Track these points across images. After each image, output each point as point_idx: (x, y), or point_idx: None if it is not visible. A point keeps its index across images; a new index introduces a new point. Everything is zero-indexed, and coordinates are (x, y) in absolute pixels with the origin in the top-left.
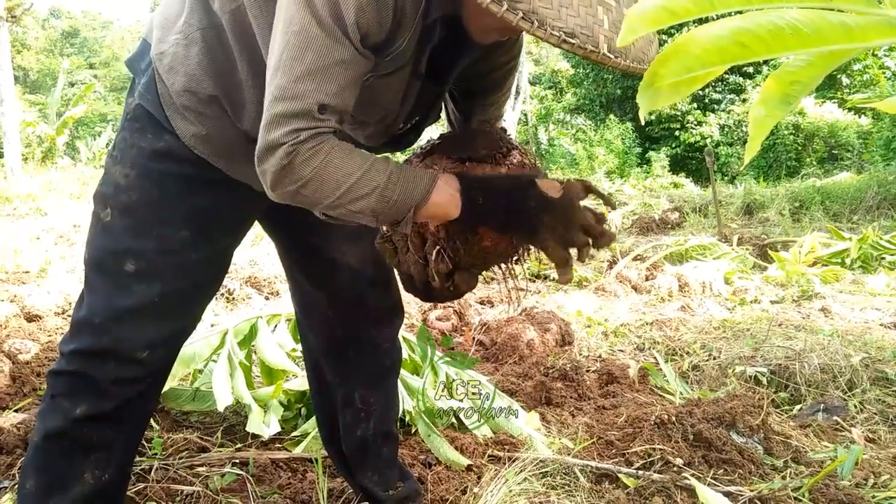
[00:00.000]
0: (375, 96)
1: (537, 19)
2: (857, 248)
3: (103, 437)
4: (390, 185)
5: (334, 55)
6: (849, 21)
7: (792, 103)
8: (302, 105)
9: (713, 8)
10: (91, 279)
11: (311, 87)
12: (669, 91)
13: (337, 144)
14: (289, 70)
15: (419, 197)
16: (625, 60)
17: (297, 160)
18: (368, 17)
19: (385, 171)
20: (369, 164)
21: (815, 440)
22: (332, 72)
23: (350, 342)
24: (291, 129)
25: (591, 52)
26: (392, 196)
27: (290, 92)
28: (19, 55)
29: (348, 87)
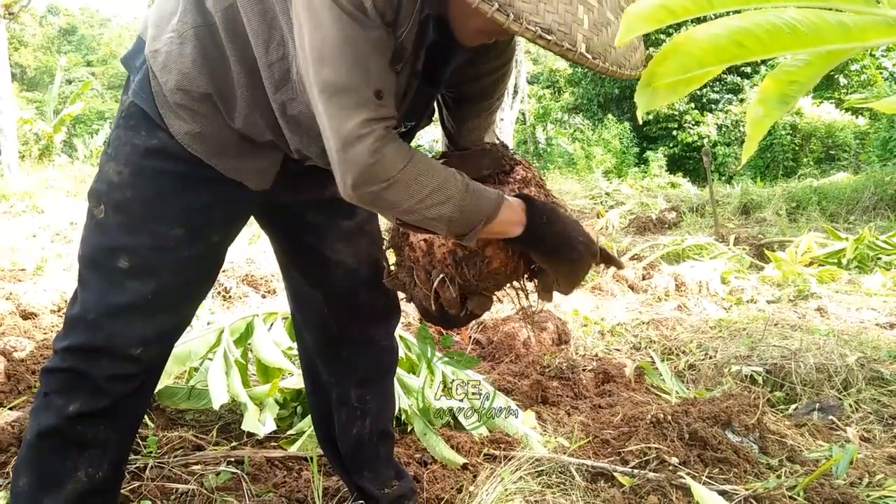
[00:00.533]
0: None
1: (513, 12)
2: (853, 249)
3: (97, 434)
4: (467, 196)
5: (369, 40)
6: (847, 21)
7: (790, 103)
8: (360, 96)
9: (711, 7)
10: (85, 276)
11: (362, 75)
12: (667, 90)
13: (415, 149)
14: (335, 64)
15: (490, 210)
16: (603, 62)
17: (386, 159)
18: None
19: (461, 180)
20: (448, 172)
21: (811, 439)
22: (372, 57)
23: (345, 341)
24: (362, 119)
25: (568, 49)
26: (468, 206)
27: (342, 84)
28: (16, 52)
29: (386, 69)
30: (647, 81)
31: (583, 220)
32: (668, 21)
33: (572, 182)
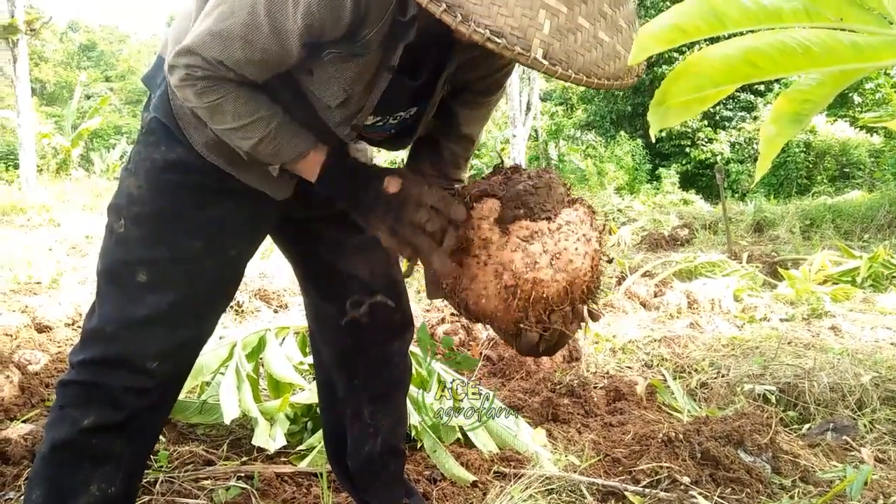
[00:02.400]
0: (335, 75)
1: (462, 13)
2: (867, 267)
3: (111, 448)
4: (264, 142)
5: (253, 38)
6: (860, 41)
7: (803, 122)
8: (203, 52)
9: (724, 27)
10: (103, 289)
11: (219, 45)
12: (680, 109)
13: (232, 90)
14: (213, 21)
15: (287, 159)
16: (564, 69)
17: (191, 90)
18: (322, 21)
19: (265, 128)
20: (253, 118)
21: (824, 459)
22: (240, 45)
23: (360, 356)
24: (190, 63)
25: (520, 54)
26: (263, 150)
27: (201, 39)
28: (37, 68)
29: (253, 65)
30: (660, 100)
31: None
32: (680, 41)
33: (584, 198)
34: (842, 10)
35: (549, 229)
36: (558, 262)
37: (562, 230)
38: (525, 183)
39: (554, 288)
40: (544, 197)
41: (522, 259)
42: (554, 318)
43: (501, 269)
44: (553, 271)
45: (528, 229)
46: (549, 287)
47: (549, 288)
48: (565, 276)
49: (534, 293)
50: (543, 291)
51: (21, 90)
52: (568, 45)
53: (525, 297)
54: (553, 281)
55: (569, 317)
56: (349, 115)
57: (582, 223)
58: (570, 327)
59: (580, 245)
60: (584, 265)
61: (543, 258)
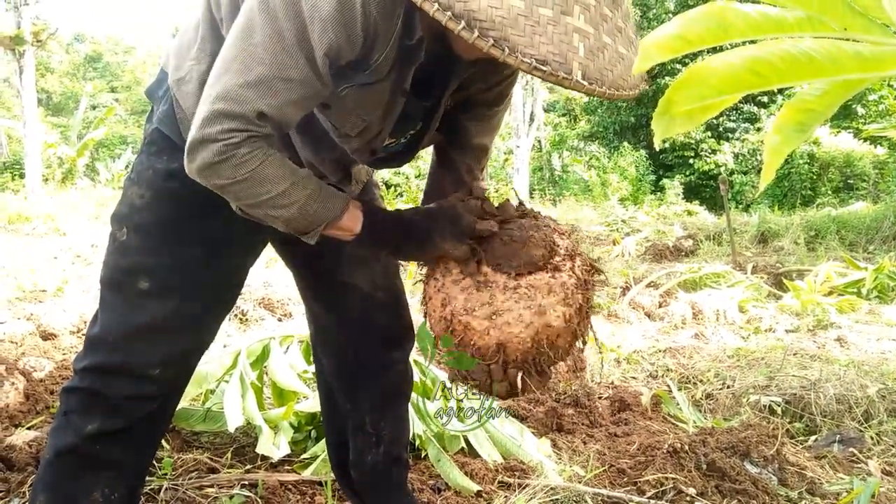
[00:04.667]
0: (353, 107)
1: (508, 46)
2: (872, 278)
3: (114, 455)
4: (310, 202)
5: (289, 72)
6: (864, 51)
7: (807, 132)
8: (241, 108)
9: (727, 37)
10: (105, 297)
11: (254, 95)
12: (684, 118)
13: (272, 153)
14: (238, 74)
15: (331, 217)
16: (600, 87)
17: (231, 162)
18: (338, 40)
19: (309, 187)
20: (297, 178)
21: (831, 471)
22: (278, 86)
23: (361, 366)
24: (227, 128)
25: (564, 78)
26: (309, 211)
27: (234, 94)
28: (43, 78)
29: (293, 105)
30: (664, 109)
31: (599, 247)
32: (683, 50)
33: (588, 209)
34: (846, 20)
35: (504, 285)
36: (497, 319)
37: (517, 291)
38: (507, 230)
39: (484, 340)
40: (515, 252)
41: (464, 301)
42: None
43: (446, 301)
44: (488, 324)
45: (483, 276)
46: (479, 337)
47: (480, 339)
48: (498, 335)
49: (464, 336)
50: (473, 339)
51: (27, 100)
52: (600, 63)
53: (458, 336)
54: (485, 333)
55: (497, 373)
56: (368, 141)
57: (550, 293)
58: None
59: (527, 314)
60: (523, 335)
61: (482, 309)
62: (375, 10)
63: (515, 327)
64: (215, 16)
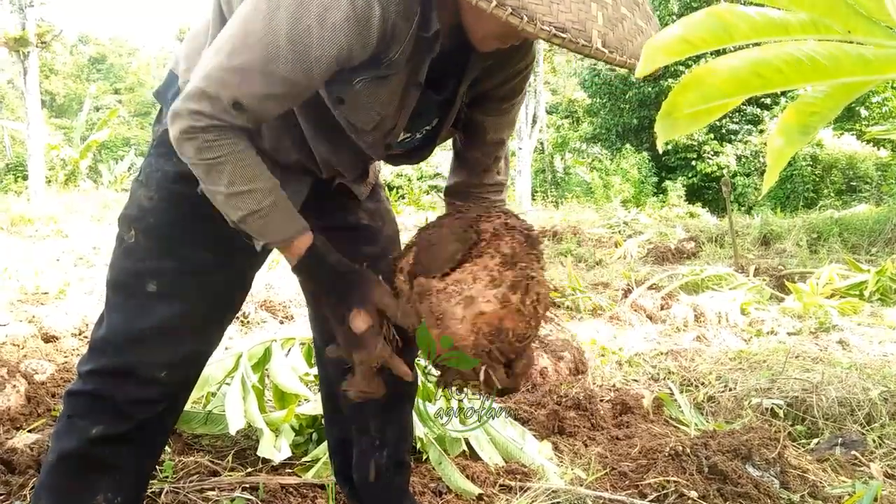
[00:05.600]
0: (368, 101)
1: (527, 14)
2: (875, 281)
3: (118, 458)
4: (252, 217)
5: (273, 69)
6: (867, 53)
7: (810, 134)
8: (218, 92)
9: (732, 40)
10: (112, 299)
11: (235, 80)
12: (687, 121)
13: (237, 150)
14: (227, 56)
15: (272, 240)
16: (621, 56)
17: (194, 143)
18: (350, 46)
19: (259, 203)
20: (249, 187)
21: (833, 475)
22: (259, 78)
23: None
24: (197, 109)
25: (584, 46)
26: (250, 225)
27: (215, 75)
28: (47, 80)
29: (272, 99)
30: (667, 111)
31: (601, 249)
32: (687, 53)
33: (590, 211)
34: (849, 23)
35: (436, 289)
36: (441, 323)
37: (446, 290)
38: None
39: (442, 346)
40: (434, 254)
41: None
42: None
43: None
44: (437, 331)
45: (420, 286)
46: (438, 346)
47: (439, 346)
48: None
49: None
50: (435, 348)
51: (31, 102)
52: (619, 34)
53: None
54: (438, 340)
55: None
56: (383, 135)
57: (475, 281)
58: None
59: (458, 309)
60: (462, 330)
61: (429, 319)
62: (395, 12)
63: (454, 326)
64: (227, 18)
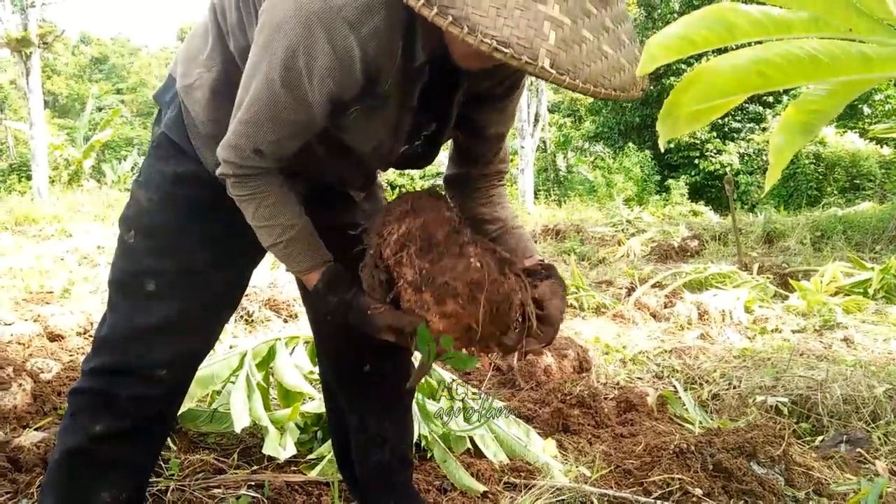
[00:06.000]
0: (364, 127)
1: (468, 25)
2: (879, 278)
3: (121, 456)
4: (275, 248)
5: (280, 115)
6: (869, 51)
7: (812, 132)
8: (241, 143)
9: (733, 38)
10: (113, 299)
11: (251, 132)
12: (690, 119)
13: (260, 191)
14: (244, 110)
15: (292, 270)
16: (573, 79)
17: (227, 182)
18: (339, 87)
19: (279, 237)
20: (269, 223)
21: (838, 472)
22: (270, 126)
23: (362, 368)
24: (227, 158)
25: (528, 63)
26: (276, 254)
27: (238, 129)
28: (49, 80)
29: (287, 139)
30: (669, 110)
31: (604, 247)
32: (689, 52)
33: (593, 210)
34: (850, 21)
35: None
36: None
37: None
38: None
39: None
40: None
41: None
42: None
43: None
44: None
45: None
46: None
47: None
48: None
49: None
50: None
51: (34, 102)
52: (574, 56)
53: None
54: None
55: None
56: (383, 154)
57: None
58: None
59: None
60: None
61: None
62: (374, 50)
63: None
64: (223, 28)
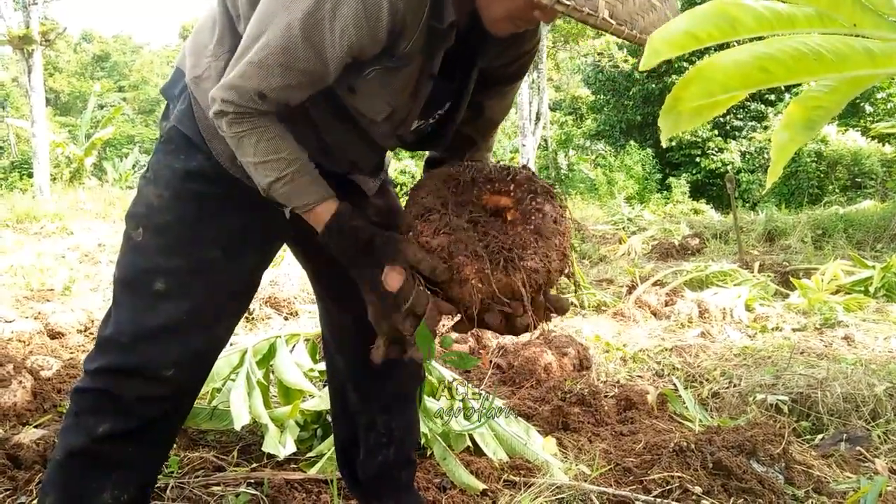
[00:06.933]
0: (380, 91)
1: None
2: (880, 277)
3: (125, 456)
4: (278, 183)
5: (292, 63)
6: (872, 47)
7: (815, 128)
8: (244, 84)
9: (737, 34)
10: (119, 297)
11: (258, 74)
12: (691, 115)
13: (261, 125)
14: (252, 52)
15: (296, 205)
16: (630, 30)
17: (223, 120)
18: (360, 40)
19: (283, 170)
20: (272, 157)
21: (838, 470)
22: (279, 72)
23: (374, 364)
24: (226, 98)
25: (589, 15)
26: (277, 191)
27: (242, 70)
28: (51, 78)
29: (293, 88)
30: (671, 106)
31: (605, 245)
32: (692, 47)
33: (594, 207)
34: (855, 17)
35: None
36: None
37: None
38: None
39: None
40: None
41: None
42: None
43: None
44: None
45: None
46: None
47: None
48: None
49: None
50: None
51: (35, 100)
52: (629, 8)
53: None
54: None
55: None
56: (395, 126)
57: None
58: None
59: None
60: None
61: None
62: (404, 4)
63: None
64: (231, 13)
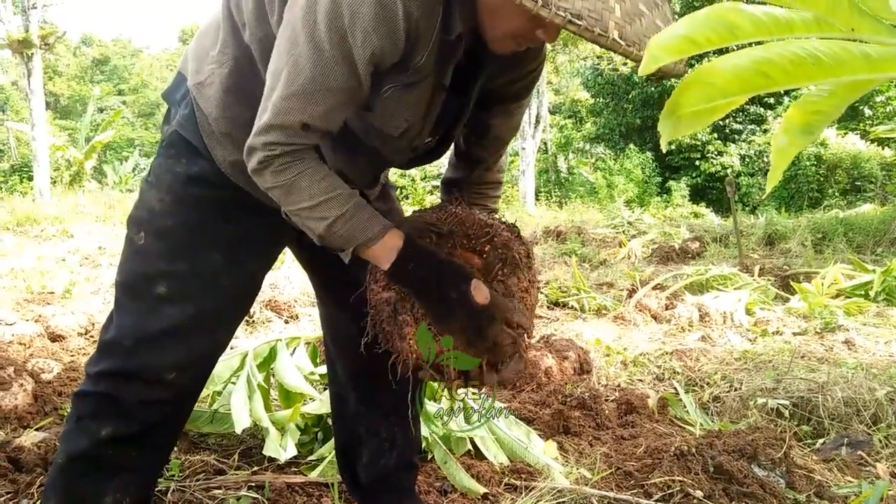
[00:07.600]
0: (397, 107)
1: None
2: (881, 281)
3: (127, 460)
4: (339, 222)
5: (329, 82)
6: (870, 51)
7: (814, 133)
8: (286, 120)
9: (735, 38)
10: (121, 301)
11: (298, 106)
12: (691, 120)
13: (311, 166)
14: (284, 86)
15: (360, 242)
16: (638, 51)
17: (269, 170)
18: (382, 45)
19: (342, 206)
20: (330, 195)
21: (839, 475)
22: (320, 97)
23: (376, 369)
24: (270, 140)
25: (600, 35)
26: (337, 231)
27: (280, 106)
28: (51, 81)
29: (335, 111)
30: (671, 110)
31: (605, 249)
32: (691, 52)
33: (594, 211)
34: (853, 21)
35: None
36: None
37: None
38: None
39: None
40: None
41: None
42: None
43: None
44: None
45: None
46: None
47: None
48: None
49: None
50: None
51: (35, 104)
52: (637, 28)
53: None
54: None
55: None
56: (410, 141)
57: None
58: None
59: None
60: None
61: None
62: (417, 10)
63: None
64: (237, 20)
